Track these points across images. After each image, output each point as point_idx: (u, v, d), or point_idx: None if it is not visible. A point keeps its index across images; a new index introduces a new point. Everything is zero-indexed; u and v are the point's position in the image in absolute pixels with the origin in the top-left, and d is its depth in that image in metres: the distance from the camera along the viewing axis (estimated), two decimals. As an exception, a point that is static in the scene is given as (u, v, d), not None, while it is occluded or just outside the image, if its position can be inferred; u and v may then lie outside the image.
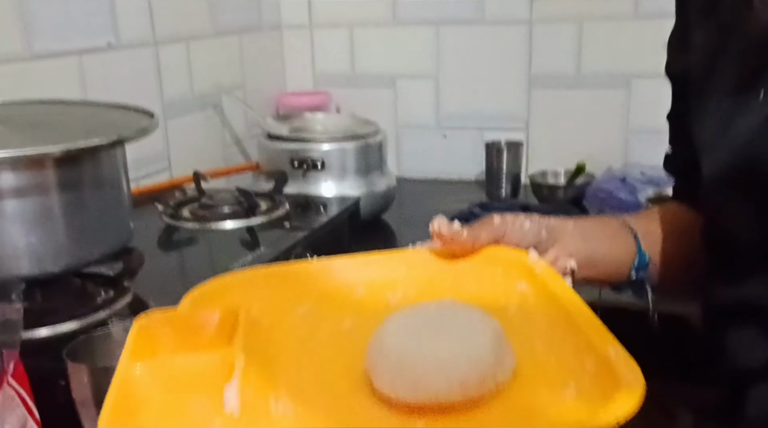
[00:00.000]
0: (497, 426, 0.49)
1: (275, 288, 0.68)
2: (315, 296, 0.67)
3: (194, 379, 0.54)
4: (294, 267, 0.73)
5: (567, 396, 0.50)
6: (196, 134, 1.63)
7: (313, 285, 0.69)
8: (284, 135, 1.51)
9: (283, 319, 0.64)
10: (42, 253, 0.86)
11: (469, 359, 0.51)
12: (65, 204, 0.86)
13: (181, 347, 0.58)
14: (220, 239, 1.21)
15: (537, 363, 0.55)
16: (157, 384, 0.54)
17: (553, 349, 0.57)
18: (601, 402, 0.47)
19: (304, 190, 1.45)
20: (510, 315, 0.62)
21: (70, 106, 1.05)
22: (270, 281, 0.69)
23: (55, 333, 0.87)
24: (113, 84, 1.35)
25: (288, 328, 0.63)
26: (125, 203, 0.96)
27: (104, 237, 0.92)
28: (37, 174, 0.84)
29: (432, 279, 0.70)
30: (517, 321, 0.61)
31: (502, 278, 0.68)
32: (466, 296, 0.63)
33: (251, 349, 0.56)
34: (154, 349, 0.58)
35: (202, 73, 1.61)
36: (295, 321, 0.64)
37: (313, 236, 1.20)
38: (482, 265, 0.71)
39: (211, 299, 0.65)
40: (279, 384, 0.54)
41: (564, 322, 0.59)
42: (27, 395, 0.71)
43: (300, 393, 0.53)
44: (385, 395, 0.51)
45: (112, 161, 0.92)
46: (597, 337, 0.54)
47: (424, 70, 1.86)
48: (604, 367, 0.50)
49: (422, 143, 1.90)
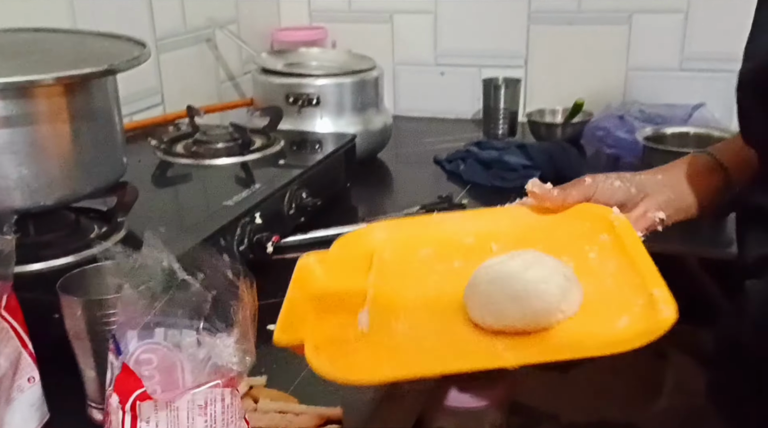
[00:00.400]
0: (556, 348, 0.63)
1: (403, 236, 0.83)
2: (434, 242, 0.82)
3: (338, 304, 0.72)
4: (419, 220, 0.92)
5: (619, 326, 0.63)
6: (189, 70, 1.60)
7: (433, 234, 0.84)
8: (279, 70, 1.49)
9: (407, 260, 0.80)
10: (34, 185, 0.85)
11: (538, 296, 0.65)
12: (57, 135, 0.85)
13: (330, 280, 0.75)
14: (214, 176, 1.19)
15: (603, 299, 0.68)
16: (312, 307, 0.70)
17: (618, 287, 0.69)
18: (640, 332, 0.60)
19: (299, 126, 1.43)
20: (590, 260, 0.75)
21: (59, 34, 1.03)
22: (399, 230, 0.84)
23: (48, 267, 0.87)
24: (103, 17, 1.32)
25: (410, 267, 0.79)
26: (118, 136, 0.95)
27: (97, 170, 0.91)
28: (27, 103, 0.82)
29: (529, 231, 0.82)
30: (595, 265, 0.74)
31: (589, 231, 0.79)
32: (557, 245, 0.76)
33: (381, 283, 0.75)
34: (311, 281, 0.75)
35: (194, 7, 1.58)
36: (416, 261, 0.80)
37: (309, 173, 1.19)
38: (572, 219, 0.82)
39: (355, 244, 0.81)
40: (399, 309, 0.71)
41: (629, 267, 0.70)
42: (20, 327, 0.70)
43: (414, 317, 0.70)
44: (476, 322, 0.67)
45: (104, 91, 0.90)
46: (650, 279, 0.66)
47: (422, 6, 1.82)
48: (649, 304, 0.63)
49: (419, 81, 1.88)
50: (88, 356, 0.73)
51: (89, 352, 0.73)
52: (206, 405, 0.60)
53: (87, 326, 0.71)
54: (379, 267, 0.78)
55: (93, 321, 0.71)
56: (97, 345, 0.71)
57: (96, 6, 1.31)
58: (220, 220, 0.98)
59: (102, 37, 1.00)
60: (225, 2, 1.71)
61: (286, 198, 1.12)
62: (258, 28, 1.84)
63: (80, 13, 1.28)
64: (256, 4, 1.83)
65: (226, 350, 0.60)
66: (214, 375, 0.61)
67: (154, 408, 0.60)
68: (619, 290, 0.68)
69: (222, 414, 0.61)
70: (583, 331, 0.64)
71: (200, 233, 0.94)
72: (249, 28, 1.78)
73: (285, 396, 0.79)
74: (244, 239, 1.01)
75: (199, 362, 0.61)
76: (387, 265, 0.79)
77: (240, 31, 1.75)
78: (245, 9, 1.77)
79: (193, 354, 0.61)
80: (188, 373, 0.61)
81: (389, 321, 0.69)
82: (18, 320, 0.70)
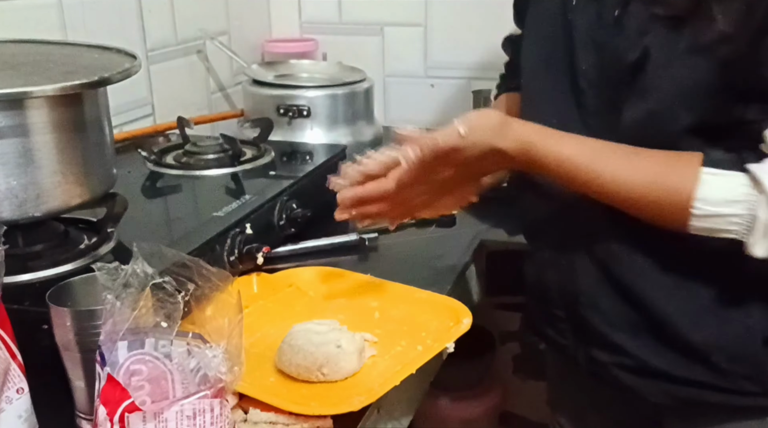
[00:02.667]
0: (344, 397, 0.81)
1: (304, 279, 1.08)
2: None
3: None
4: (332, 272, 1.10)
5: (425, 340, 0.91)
6: (180, 81, 1.60)
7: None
8: (270, 81, 1.49)
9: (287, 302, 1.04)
10: (23, 196, 0.85)
11: (305, 356, 0.84)
12: (46, 147, 0.85)
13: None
14: (204, 187, 1.19)
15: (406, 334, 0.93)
16: None
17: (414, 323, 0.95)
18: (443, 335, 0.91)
19: (289, 137, 1.43)
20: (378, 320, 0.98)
21: (50, 46, 1.03)
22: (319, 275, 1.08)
23: (37, 278, 0.86)
24: (94, 29, 1.32)
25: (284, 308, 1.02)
26: (108, 147, 0.95)
27: (87, 182, 0.91)
28: (18, 115, 0.82)
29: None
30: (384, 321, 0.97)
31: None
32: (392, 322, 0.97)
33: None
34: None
35: (185, 19, 1.58)
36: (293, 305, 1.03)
37: (299, 184, 1.19)
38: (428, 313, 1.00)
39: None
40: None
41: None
42: (9, 338, 0.70)
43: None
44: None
45: (94, 103, 0.90)
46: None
47: (413, 18, 1.82)
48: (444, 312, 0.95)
49: (409, 92, 1.88)
50: (77, 367, 0.73)
51: (78, 363, 0.72)
52: (195, 416, 0.61)
53: (76, 336, 0.71)
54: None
55: (82, 332, 0.71)
56: (86, 356, 0.71)
57: (87, 18, 1.31)
58: (210, 231, 0.98)
59: (93, 48, 1.00)
60: (216, 14, 1.71)
61: (277, 209, 1.12)
62: (249, 40, 1.84)
63: (71, 25, 1.28)
64: (247, 15, 1.84)
65: (215, 360, 0.60)
66: (203, 385, 0.61)
67: (142, 420, 0.60)
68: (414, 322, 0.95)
69: (211, 425, 0.61)
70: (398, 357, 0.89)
71: (190, 244, 0.94)
72: (240, 39, 1.79)
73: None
74: (235, 249, 1.01)
75: (189, 372, 0.61)
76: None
77: (231, 42, 1.75)
78: (236, 21, 1.77)
79: (182, 365, 0.61)
80: (178, 383, 0.61)
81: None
82: (7, 331, 0.70)
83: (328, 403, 0.80)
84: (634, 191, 0.81)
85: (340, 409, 0.78)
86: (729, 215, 0.77)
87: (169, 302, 0.62)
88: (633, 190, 0.81)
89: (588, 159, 0.82)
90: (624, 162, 0.82)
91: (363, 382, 0.84)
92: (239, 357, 0.63)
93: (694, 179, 0.78)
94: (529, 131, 0.84)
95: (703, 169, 0.78)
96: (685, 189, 0.78)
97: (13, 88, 0.80)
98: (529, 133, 0.84)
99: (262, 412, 0.77)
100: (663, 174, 0.80)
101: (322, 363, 0.84)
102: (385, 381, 0.83)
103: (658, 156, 0.81)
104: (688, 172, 0.79)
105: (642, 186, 0.81)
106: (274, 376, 0.86)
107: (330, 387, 0.83)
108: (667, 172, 0.80)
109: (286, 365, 0.85)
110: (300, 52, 1.81)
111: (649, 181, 0.81)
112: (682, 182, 0.79)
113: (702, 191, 0.77)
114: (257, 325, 0.95)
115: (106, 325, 0.62)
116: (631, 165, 0.82)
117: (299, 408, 0.78)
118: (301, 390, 0.83)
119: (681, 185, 0.79)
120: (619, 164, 0.82)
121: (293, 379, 0.85)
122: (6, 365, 0.70)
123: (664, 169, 0.80)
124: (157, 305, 0.62)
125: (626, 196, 0.82)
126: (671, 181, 0.79)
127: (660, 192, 0.80)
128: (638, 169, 0.81)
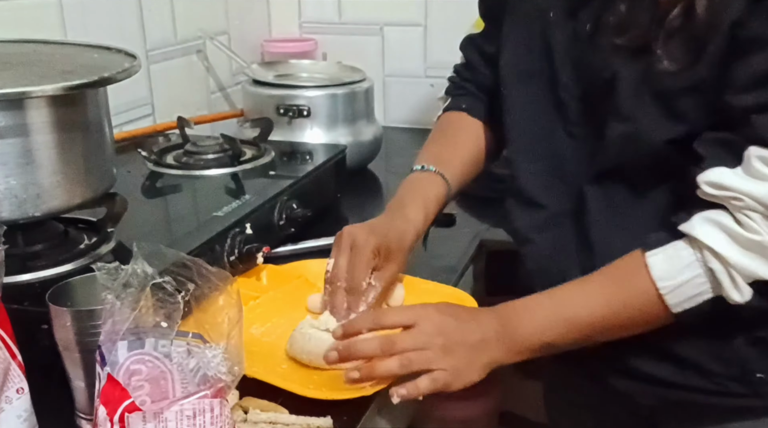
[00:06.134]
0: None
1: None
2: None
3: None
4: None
5: None
6: (179, 81, 1.60)
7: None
8: (269, 81, 1.49)
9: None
10: (23, 196, 0.85)
11: (316, 345, 0.86)
12: (46, 146, 0.85)
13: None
14: (204, 187, 1.19)
15: None
16: None
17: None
18: None
19: (289, 137, 1.43)
20: None
21: (50, 45, 1.03)
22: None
23: (37, 278, 0.87)
24: (94, 29, 1.32)
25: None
26: (108, 147, 0.95)
27: (87, 182, 0.91)
28: (18, 115, 0.82)
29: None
30: None
31: None
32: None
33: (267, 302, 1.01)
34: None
35: (185, 18, 1.58)
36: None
37: (299, 184, 1.19)
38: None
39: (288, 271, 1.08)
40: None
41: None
42: (9, 338, 0.70)
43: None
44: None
45: (94, 103, 0.90)
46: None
47: (412, 18, 1.83)
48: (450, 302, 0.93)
49: (409, 92, 1.88)
50: (77, 366, 0.73)
51: (78, 363, 0.73)
52: (195, 416, 0.60)
53: (76, 336, 0.71)
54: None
55: (82, 332, 0.71)
56: (86, 356, 0.71)
57: (87, 18, 1.31)
58: (210, 231, 0.98)
59: (92, 48, 1.00)
60: (215, 14, 1.71)
61: (277, 209, 1.12)
62: (248, 40, 1.84)
63: (71, 24, 1.28)
64: (247, 15, 1.84)
65: (214, 360, 0.60)
66: (203, 385, 0.61)
67: (142, 419, 0.60)
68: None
69: (211, 425, 0.61)
70: None
71: (190, 243, 0.94)
72: (239, 39, 1.79)
73: (275, 407, 0.79)
74: (235, 249, 1.01)
75: (189, 372, 0.61)
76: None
77: (230, 42, 1.75)
78: (236, 20, 1.77)
79: (182, 365, 0.61)
80: (177, 383, 0.61)
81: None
82: (7, 331, 0.70)
83: (340, 389, 0.81)
84: (607, 311, 0.82)
85: (352, 394, 0.80)
86: (691, 279, 0.77)
87: (169, 302, 0.62)
88: (605, 310, 0.82)
89: (561, 326, 0.83)
90: (584, 300, 0.83)
91: None
92: (239, 356, 0.63)
93: (644, 269, 0.79)
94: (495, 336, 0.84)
95: (646, 254, 0.79)
96: (643, 280, 0.79)
97: (13, 88, 0.80)
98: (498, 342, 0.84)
99: (262, 412, 0.77)
100: (619, 280, 0.82)
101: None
102: None
103: (605, 270, 0.83)
104: (636, 266, 0.79)
105: (610, 301, 0.82)
106: (286, 363, 0.88)
107: (342, 374, 0.83)
108: (620, 277, 0.81)
109: (298, 352, 0.87)
110: (300, 52, 1.81)
111: (611, 294, 0.82)
112: (637, 277, 0.79)
113: (656, 272, 0.78)
114: (268, 315, 0.97)
115: (106, 325, 0.62)
116: (590, 290, 0.83)
117: (312, 392, 0.80)
118: (312, 376, 0.85)
119: (639, 280, 0.79)
120: (578, 298, 0.83)
121: (305, 366, 0.86)
122: (6, 365, 0.70)
123: (617, 276, 0.82)
124: (157, 305, 0.62)
125: (612, 323, 0.82)
126: (628, 282, 0.81)
127: (627, 297, 0.81)
128: (600, 297, 0.82)
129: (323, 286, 0.98)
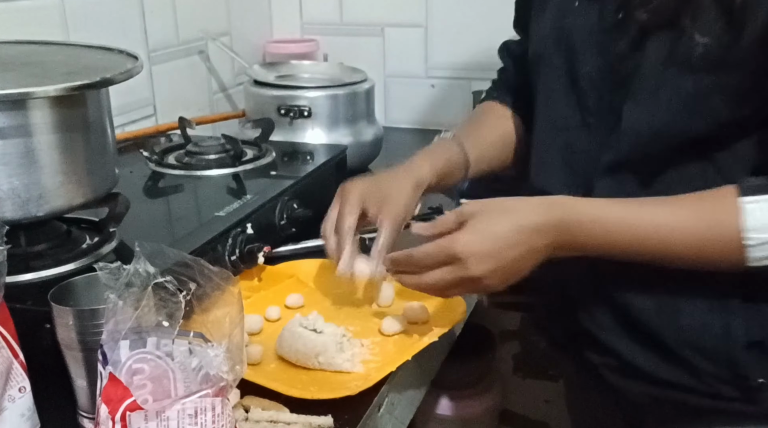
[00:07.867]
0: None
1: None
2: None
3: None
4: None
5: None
6: (181, 81, 1.60)
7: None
8: (271, 82, 1.49)
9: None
10: (26, 196, 0.85)
11: (304, 344, 0.87)
12: (48, 147, 0.85)
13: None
14: (205, 187, 1.20)
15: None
16: None
17: None
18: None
19: (290, 138, 1.43)
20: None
21: (52, 46, 1.03)
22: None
23: (39, 277, 0.87)
24: (96, 30, 1.33)
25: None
26: (110, 147, 0.95)
27: (89, 181, 0.91)
28: (20, 115, 0.82)
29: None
30: None
31: None
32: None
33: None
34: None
35: (187, 19, 1.59)
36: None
37: (300, 184, 1.19)
38: None
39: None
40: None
41: None
42: (12, 337, 0.71)
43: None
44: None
45: (96, 103, 0.90)
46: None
47: (413, 19, 1.83)
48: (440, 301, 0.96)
49: (410, 93, 1.89)
50: (79, 365, 0.73)
51: (80, 362, 0.73)
52: (196, 415, 0.61)
53: (78, 335, 0.72)
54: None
55: (84, 331, 0.71)
56: (88, 355, 0.72)
57: (89, 19, 1.32)
58: (211, 231, 0.99)
59: (95, 49, 1.00)
60: (217, 14, 1.72)
61: (278, 209, 1.12)
62: (250, 41, 1.85)
63: (73, 25, 1.28)
64: (249, 16, 1.84)
65: (216, 359, 0.61)
66: (204, 384, 0.61)
67: (144, 418, 0.60)
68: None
69: (212, 424, 0.62)
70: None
71: (192, 243, 0.95)
72: (241, 40, 1.79)
73: (276, 405, 0.79)
74: (236, 249, 1.01)
75: (191, 371, 0.61)
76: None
77: (232, 43, 1.76)
78: (237, 21, 1.78)
79: (184, 363, 0.61)
80: (179, 382, 0.61)
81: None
82: (9, 330, 0.71)
83: (326, 388, 0.82)
84: (681, 242, 0.79)
85: (338, 393, 0.80)
86: None
87: (170, 302, 0.62)
88: (679, 241, 0.79)
89: (628, 223, 0.80)
90: (662, 214, 0.80)
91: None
92: (240, 355, 0.63)
93: (736, 212, 0.75)
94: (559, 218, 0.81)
95: (742, 199, 0.76)
96: (731, 224, 0.75)
97: (16, 88, 0.81)
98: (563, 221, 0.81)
99: (263, 411, 0.78)
100: (704, 216, 0.78)
101: (320, 350, 0.86)
102: (382, 367, 0.86)
103: (691, 199, 0.79)
104: (727, 207, 0.76)
105: (688, 234, 0.78)
106: (274, 363, 0.89)
107: (329, 374, 0.86)
108: (707, 212, 0.78)
109: (287, 350, 0.88)
110: (301, 53, 1.81)
111: (693, 226, 0.78)
112: (725, 218, 0.76)
113: (750, 222, 0.75)
114: (258, 314, 0.98)
115: (108, 324, 0.62)
116: (671, 214, 0.79)
117: (298, 392, 0.80)
118: (300, 375, 0.86)
119: (726, 222, 0.76)
120: (658, 218, 0.80)
121: (293, 365, 0.88)
122: (8, 364, 0.70)
123: (703, 210, 0.78)
124: (159, 305, 0.62)
125: (674, 248, 0.79)
126: (715, 220, 0.77)
127: (708, 235, 0.77)
128: (678, 217, 0.79)
129: (313, 286, 1.03)
